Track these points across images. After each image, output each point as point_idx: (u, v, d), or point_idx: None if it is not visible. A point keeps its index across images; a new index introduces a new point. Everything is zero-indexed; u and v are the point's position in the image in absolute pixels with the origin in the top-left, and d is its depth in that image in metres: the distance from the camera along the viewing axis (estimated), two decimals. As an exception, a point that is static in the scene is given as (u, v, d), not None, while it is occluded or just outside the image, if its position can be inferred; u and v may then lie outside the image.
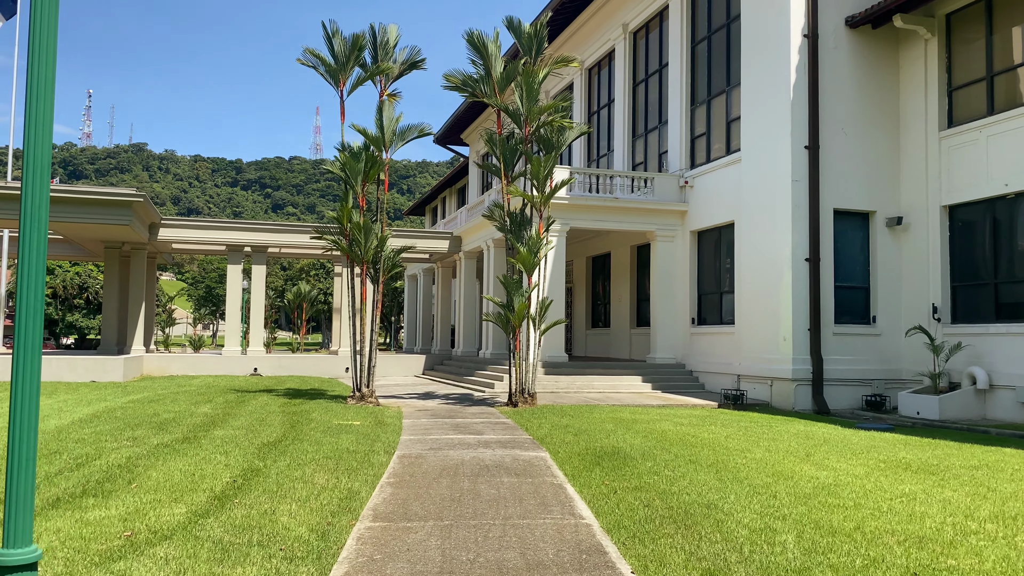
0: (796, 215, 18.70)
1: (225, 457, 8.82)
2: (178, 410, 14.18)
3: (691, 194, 23.05)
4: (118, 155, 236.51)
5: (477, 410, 16.02)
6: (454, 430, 12.63)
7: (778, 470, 8.55)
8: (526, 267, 16.38)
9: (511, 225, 17.10)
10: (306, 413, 13.96)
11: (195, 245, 28.67)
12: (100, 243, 27.24)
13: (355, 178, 15.77)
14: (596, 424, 13.00)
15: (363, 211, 16.20)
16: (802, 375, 18.40)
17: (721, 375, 21.21)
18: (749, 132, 20.29)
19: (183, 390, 19.16)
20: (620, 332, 27.11)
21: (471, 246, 28.45)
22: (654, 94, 25.74)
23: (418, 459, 9.56)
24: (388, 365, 29.19)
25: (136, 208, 22.97)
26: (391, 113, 16.15)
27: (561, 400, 18.36)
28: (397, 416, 14.37)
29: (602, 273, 29.12)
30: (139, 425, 11.72)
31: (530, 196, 16.59)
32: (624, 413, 15.37)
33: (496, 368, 23.03)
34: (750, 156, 20.22)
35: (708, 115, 22.75)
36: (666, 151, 24.62)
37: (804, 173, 18.76)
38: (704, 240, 22.87)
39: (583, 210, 22.49)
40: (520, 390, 16.60)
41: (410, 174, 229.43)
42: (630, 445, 10.27)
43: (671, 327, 23.04)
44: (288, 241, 28.25)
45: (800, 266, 18.68)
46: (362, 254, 15.91)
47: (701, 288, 22.89)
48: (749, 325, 20.03)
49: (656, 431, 11.94)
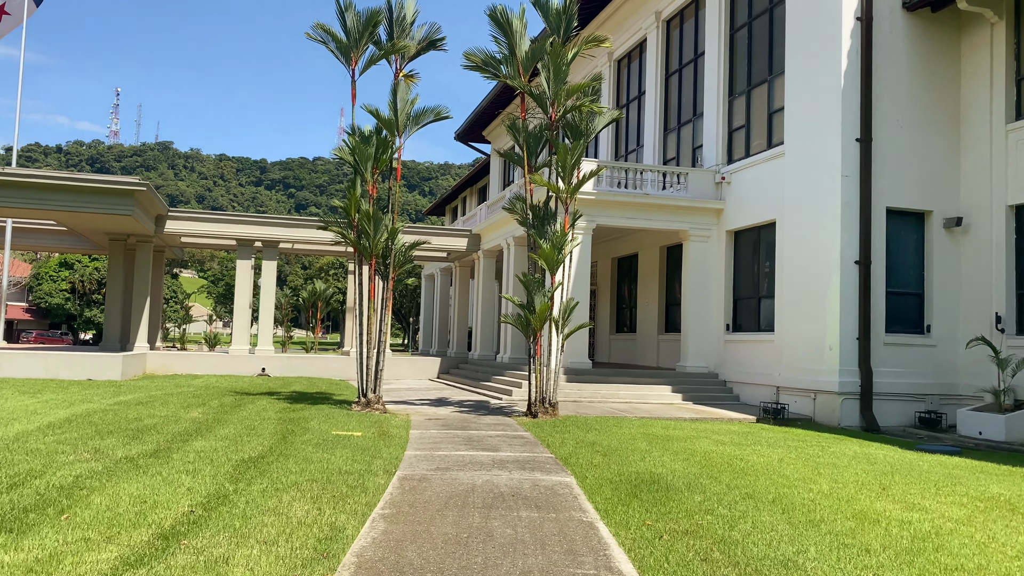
0: (845, 213, 17.10)
1: (192, 478, 7.43)
2: (164, 415, 12.87)
3: (728, 191, 21.49)
4: (144, 153, 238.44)
5: (493, 420, 14.58)
6: (466, 444, 11.20)
7: (857, 509, 7.02)
8: (549, 265, 14.93)
9: (534, 219, 15.66)
10: (303, 421, 12.59)
11: (204, 239, 27.49)
12: (105, 235, 26.13)
13: (364, 164, 14.40)
14: (626, 441, 11.52)
15: (373, 201, 14.82)
16: (849, 388, 16.79)
17: (758, 386, 19.62)
18: (794, 124, 18.71)
19: (180, 391, 17.89)
20: (647, 338, 25.56)
21: (490, 244, 27.03)
22: (688, 85, 24.19)
23: (422, 482, 8.13)
24: (402, 368, 27.84)
25: (138, 197, 21.79)
26: (406, 94, 14.77)
27: (584, 411, 16.88)
28: (404, 426, 12.97)
29: (628, 275, 27.58)
30: (112, 432, 10.40)
31: (555, 187, 15.14)
32: (655, 428, 13.87)
33: (514, 373, 21.59)
34: (795, 150, 18.63)
35: (747, 106, 21.18)
36: (701, 145, 23.07)
37: (855, 168, 17.16)
38: (741, 240, 21.29)
39: (611, 206, 21.00)
40: (540, 399, 15.14)
41: (432, 176, 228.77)
42: (671, 471, 8.78)
43: (703, 334, 21.47)
44: (300, 236, 26.98)
45: (849, 269, 17.07)
46: (371, 247, 14.53)
47: (737, 292, 21.30)
48: (791, 333, 18.43)
49: (697, 452, 10.43)
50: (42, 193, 20.84)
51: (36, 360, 20.99)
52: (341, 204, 14.55)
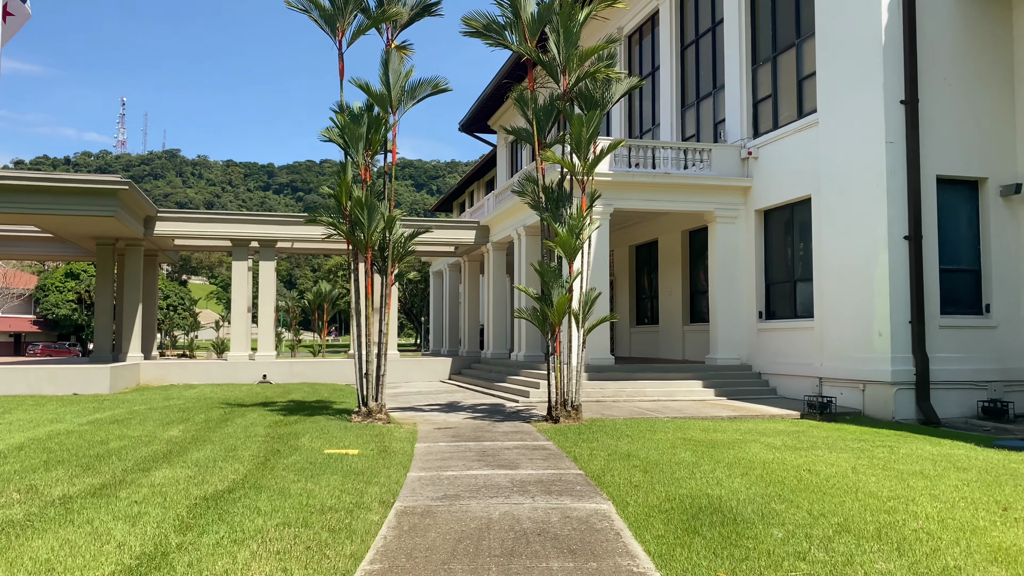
0: (892, 184, 15.41)
1: (130, 526, 5.88)
2: (138, 435, 11.35)
3: (755, 167, 19.79)
4: (152, 161, 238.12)
5: (510, 428, 12.99)
6: (480, 460, 9.62)
7: (991, 544, 5.39)
8: (566, 251, 13.31)
9: (547, 202, 14.05)
10: (294, 438, 11.03)
11: (197, 240, 26.00)
12: (92, 240, 24.70)
13: (355, 145, 12.82)
14: (666, 451, 9.90)
15: (367, 187, 13.24)
16: (903, 377, 15.11)
17: (796, 378, 17.96)
18: (828, 89, 17.00)
19: (168, 405, 16.39)
20: (670, 330, 23.90)
21: (500, 236, 25.42)
22: (707, 56, 22.49)
23: (425, 518, 6.56)
24: (411, 370, 26.29)
25: (121, 197, 20.30)
26: (399, 66, 13.17)
27: (610, 412, 15.26)
28: (409, 438, 11.40)
29: (648, 263, 25.91)
30: (63, 462, 8.87)
31: (569, 164, 13.52)
32: (694, 431, 12.24)
33: (530, 373, 19.99)
34: (830, 117, 16.93)
35: (774, 74, 19.47)
36: (723, 120, 21.37)
37: (900, 133, 15.46)
38: (772, 220, 19.59)
39: (629, 188, 19.35)
40: (561, 402, 13.54)
41: (439, 174, 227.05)
42: (732, 492, 7.16)
43: (734, 323, 19.81)
44: (299, 234, 25.43)
45: (898, 245, 15.38)
46: (365, 239, 12.95)
47: (769, 277, 19.61)
48: (833, 318, 16.75)
49: (753, 462, 8.80)
50: (16, 196, 19.38)
51: (16, 375, 19.55)
52: (331, 191, 12.97)
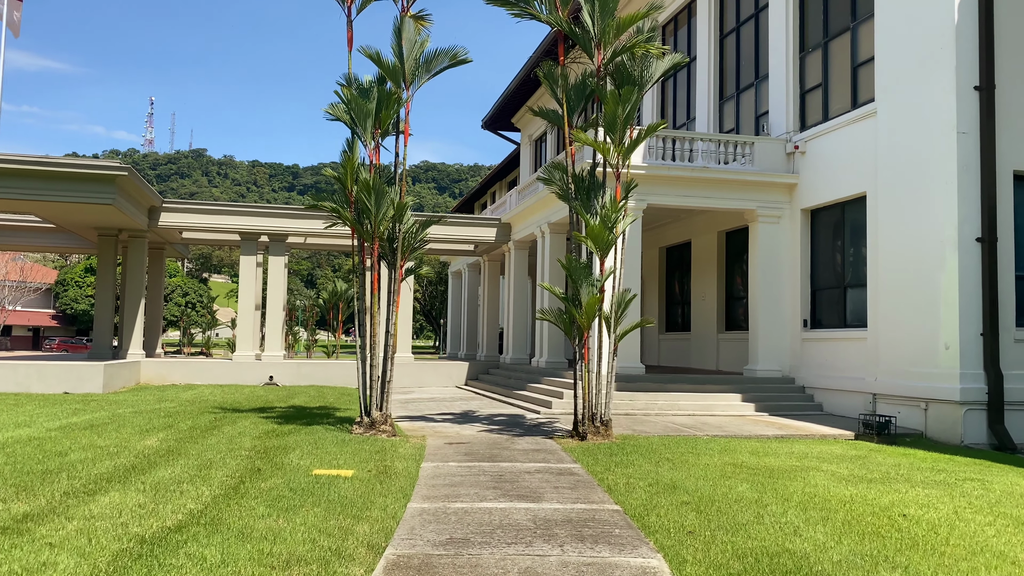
0: (964, 180, 13.73)
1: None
2: (106, 445, 9.97)
3: (802, 162, 18.15)
4: (178, 161, 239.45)
5: (531, 444, 11.46)
6: (496, 487, 8.11)
7: None
8: (598, 246, 11.79)
9: (576, 192, 12.53)
10: (282, 453, 9.58)
11: (204, 233, 24.74)
12: (94, 230, 23.52)
13: (363, 122, 11.38)
14: (717, 480, 8.34)
15: (376, 170, 11.79)
16: (974, 396, 13.42)
17: (845, 393, 16.29)
18: (889, 75, 15.35)
19: (157, 408, 15.05)
20: (703, 337, 22.26)
21: (522, 234, 23.93)
22: (748, 45, 20.87)
23: (422, 572, 5.06)
24: (424, 374, 24.84)
25: (120, 184, 19.04)
26: (413, 35, 11.71)
27: (642, 427, 13.69)
28: (415, 455, 9.92)
29: (679, 266, 24.29)
30: (1, 479, 7.47)
31: (604, 147, 11.99)
32: (742, 454, 10.66)
33: (552, 381, 18.45)
34: (891, 106, 15.28)
35: (824, 62, 17.82)
36: (766, 112, 19.74)
37: (974, 123, 13.80)
38: (820, 220, 17.93)
39: (664, 183, 17.78)
40: (590, 416, 12.00)
41: (462, 178, 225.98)
42: (816, 546, 5.60)
43: (776, 332, 18.16)
44: (311, 228, 24.07)
45: (969, 248, 13.71)
46: (372, 227, 11.49)
47: (816, 282, 17.95)
48: (890, 328, 15.08)
49: (829, 500, 7.22)
50: (8, 181, 18.18)
51: (3, 372, 18.32)
52: (334, 173, 11.52)
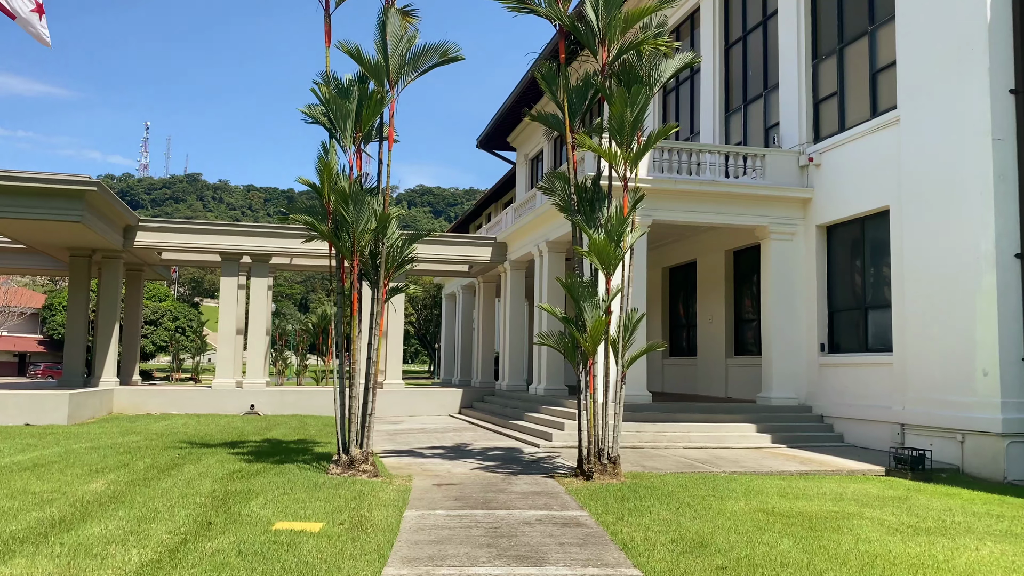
0: (1000, 190, 12.61)
1: None
2: (42, 491, 8.65)
3: (817, 176, 17.02)
4: (173, 185, 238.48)
5: (530, 485, 10.16)
6: (490, 545, 6.82)
7: None
8: (604, 262, 10.57)
9: (579, 203, 11.35)
10: (243, 500, 8.27)
11: (183, 254, 23.51)
12: (67, 251, 22.26)
13: (342, 124, 10.20)
14: (751, 533, 7.06)
15: (355, 177, 10.59)
16: (1017, 427, 12.20)
17: (869, 423, 15.04)
18: (913, 79, 14.27)
19: (119, 443, 13.71)
20: (711, 362, 21.00)
21: (519, 253, 22.73)
22: (756, 54, 19.83)
23: None
24: (416, 402, 23.51)
25: (90, 200, 17.80)
26: (398, 29, 10.57)
27: (651, 462, 12.40)
28: (398, 502, 8.62)
29: (684, 288, 23.09)
30: None
31: (610, 153, 10.82)
32: (770, 496, 9.38)
33: (552, 411, 17.14)
34: (916, 113, 14.18)
35: (840, 69, 16.76)
36: (776, 123, 18.65)
37: (1010, 128, 12.72)
38: (837, 236, 16.76)
39: (670, 198, 16.61)
40: (596, 452, 10.70)
41: (458, 201, 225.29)
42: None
43: (791, 356, 16.92)
44: (297, 248, 22.80)
45: (1008, 265, 12.56)
46: (352, 241, 10.26)
47: (834, 303, 16.74)
48: (919, 353, 13.86)
49: (895, 563, 5.95)
50: (-33, 196, 16.96)
51: (-41, 402, 16.97)
52: (308, 181, 10.31)
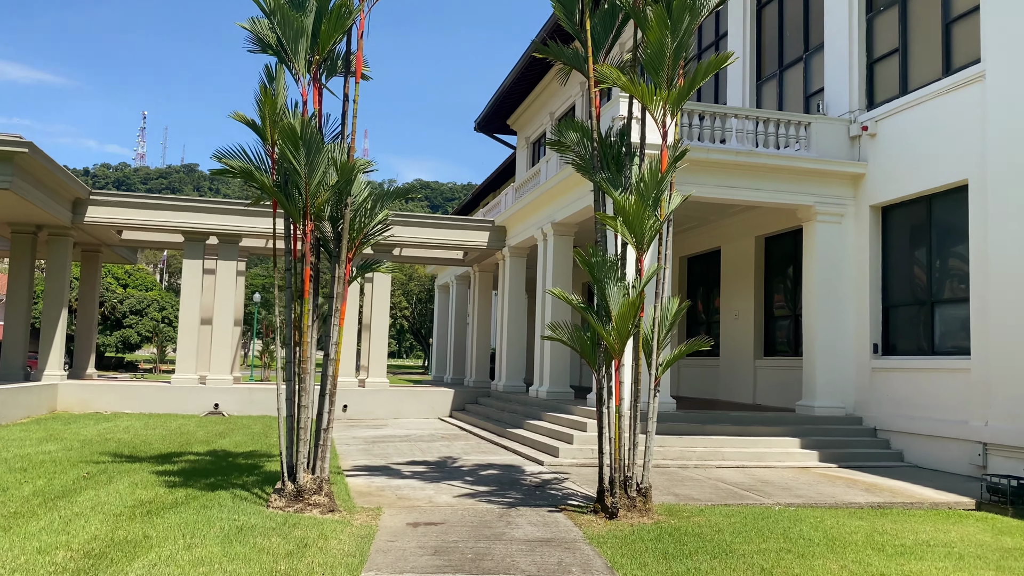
0: (1122, 157, 10.10)
1: None
2: None
3: (871, 147, 14.51)
4: (170, 175, 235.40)
5: (537, 528, 7.63)
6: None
7: None
8: (637, 232, 8.05)
9: (602, 158, 8.82)
10: (129, 555, 5.74)
11: (143, 233, 20.93)
12: (8, 227, 19.67)
13: (293, 44, 7.68)
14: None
15: (312, 117, 8.06)
16: None
17: (937, 440, 12.55)
18: (1004, 25, 11.76)
19: (27, 453, 11.16)
20: (736, 364, 18.48)
21: (520, 238, 20.18)
22: (795, 13, 17.30)
23: None
24: (402, 403, 20.96)
25: (20, 164, 15.19)
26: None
27: (684, 489, 9.88)
28: (352, 558, 6.09)
29: (705, 280, 20.57)
30: None
31: (645, 92, 8.28)
32: (862, 549, 6.87)
33: (557, 418, 14.58)
34: (1008, 66, 11.67)
35: (902, 21, 14.24)
36: (819, 90, 16.12)
37: None
38: (896, 218, 14.25)
39: (701, 170, 14.05)
40: (623, 481, 8.18)
41: (456, 196, 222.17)
42: None
43: (837, 359, 14.41)
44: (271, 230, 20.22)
45: None
46: (304, 198, 7.74)
47: (890, 297, 14.24)
48: (1008, 357, 11.36)
49: None
50: None
51: None
52: (245, 117, 7.75)
